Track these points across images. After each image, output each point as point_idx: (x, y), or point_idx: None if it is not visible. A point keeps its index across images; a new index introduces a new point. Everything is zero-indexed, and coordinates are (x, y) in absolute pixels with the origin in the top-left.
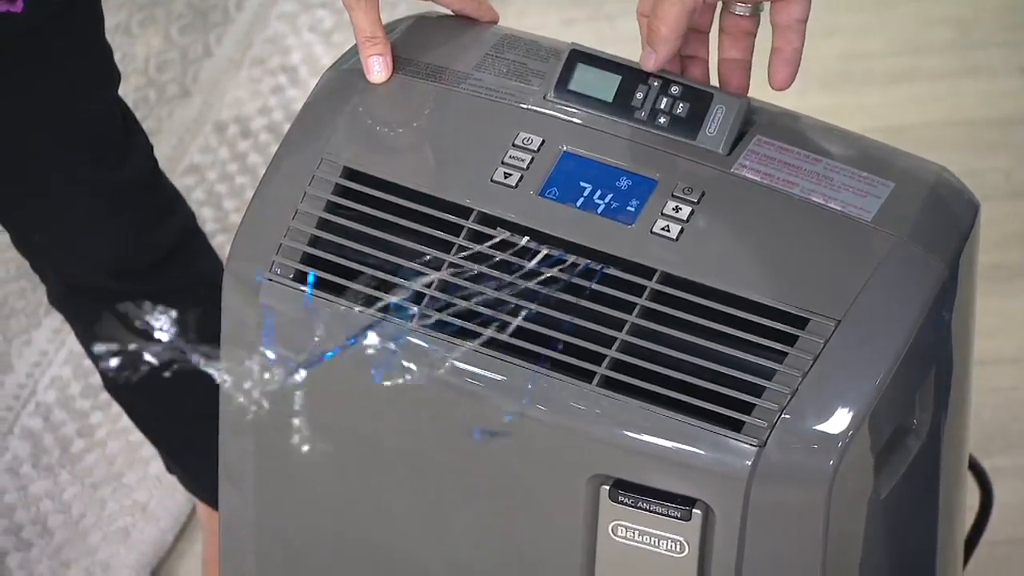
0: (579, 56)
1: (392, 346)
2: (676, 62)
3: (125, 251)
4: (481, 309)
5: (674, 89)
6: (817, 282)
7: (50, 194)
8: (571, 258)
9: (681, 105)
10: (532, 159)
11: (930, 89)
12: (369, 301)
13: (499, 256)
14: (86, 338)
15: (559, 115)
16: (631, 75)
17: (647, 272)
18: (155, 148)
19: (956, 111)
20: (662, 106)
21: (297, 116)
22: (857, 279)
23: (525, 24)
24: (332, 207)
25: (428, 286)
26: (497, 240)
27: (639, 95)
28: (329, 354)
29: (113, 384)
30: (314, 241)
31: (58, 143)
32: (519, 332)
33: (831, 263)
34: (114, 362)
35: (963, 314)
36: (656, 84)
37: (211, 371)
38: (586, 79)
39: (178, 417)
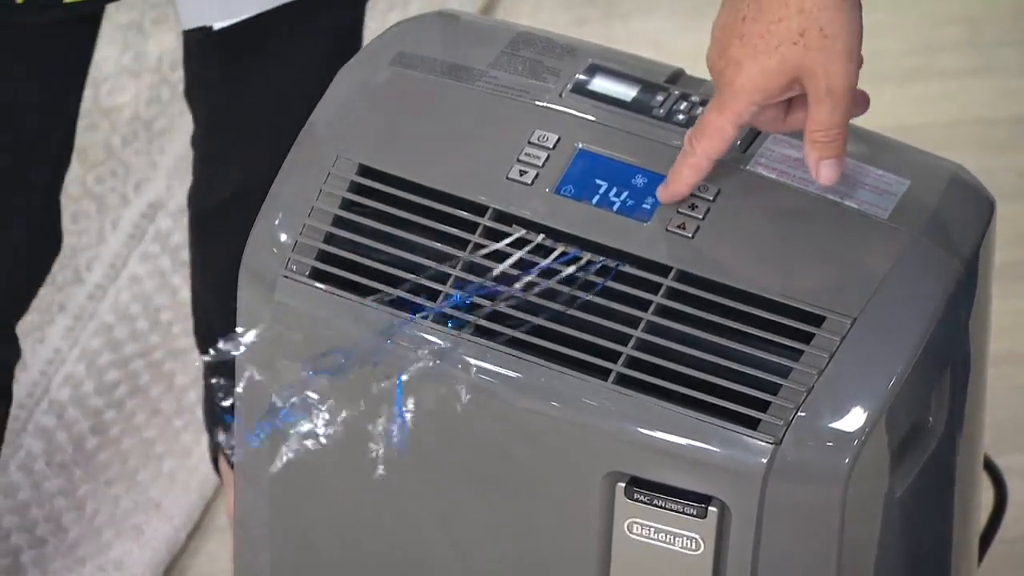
0: (598, 70)
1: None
2: None
3: None
4: (496, 306)
5: (694, 97)
6: (833, 280)
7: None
8: (587, 256)
9: (699, 109)
10: (547, 156)
11: (942, 88)
12: (384, 299)
13: (515, 254)
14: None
15: (575, 112)
16: (650, 87)
17: (663, 270)
18: (168, 146)
19: (968, 110)
20: (680, 107)
21: (312, 114)
22: (873, 277)
23: (538, 22)
24: (348, 204)
25: (443, 283)
26: (513, 238)
27: (658, 98)
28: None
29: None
30: (329, 238)
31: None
32: (534, 329)
33: (847, 260)
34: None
35: (979, 312)
36: (676, 93)
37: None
38: (604, 85)
39: None
